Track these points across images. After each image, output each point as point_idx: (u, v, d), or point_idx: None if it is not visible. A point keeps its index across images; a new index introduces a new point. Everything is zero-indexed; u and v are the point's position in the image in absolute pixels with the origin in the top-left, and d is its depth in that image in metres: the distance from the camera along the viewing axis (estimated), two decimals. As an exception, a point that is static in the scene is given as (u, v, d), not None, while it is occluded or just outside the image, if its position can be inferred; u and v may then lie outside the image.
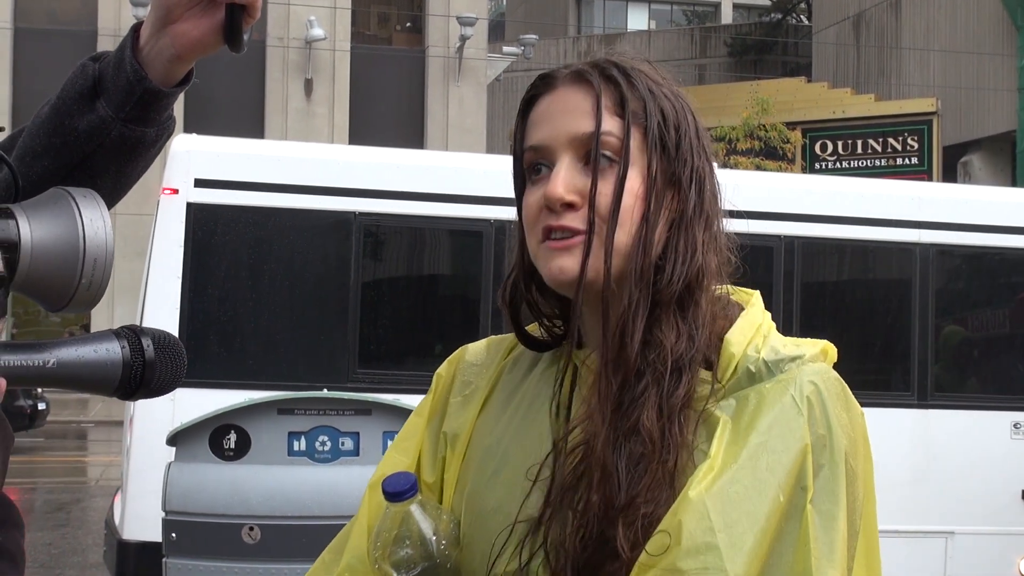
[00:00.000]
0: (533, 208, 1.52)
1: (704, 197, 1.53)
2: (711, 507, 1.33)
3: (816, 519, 1.35)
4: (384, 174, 8.12)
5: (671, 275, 1.46)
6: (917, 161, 29.50)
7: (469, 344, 1.76)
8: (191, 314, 7.56)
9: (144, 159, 1.63)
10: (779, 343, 1.50)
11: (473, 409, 1.65)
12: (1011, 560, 8.45)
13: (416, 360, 8.29)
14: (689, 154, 1.52)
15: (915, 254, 8.54)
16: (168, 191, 7.57)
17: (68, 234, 1.20)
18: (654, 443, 1.39)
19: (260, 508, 6.16)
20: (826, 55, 38.27)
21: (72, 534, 12.00)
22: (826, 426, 1.39)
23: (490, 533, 1.51)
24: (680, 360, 1.43)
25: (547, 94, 1.55)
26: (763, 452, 1.37)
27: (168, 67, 1.56)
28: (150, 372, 1.27)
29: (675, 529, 1.32)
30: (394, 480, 1.51)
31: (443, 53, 27.88)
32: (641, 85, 1.52)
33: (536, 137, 1.54)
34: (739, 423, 1.40)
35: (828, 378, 1.44)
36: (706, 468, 1.36)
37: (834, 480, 1.37)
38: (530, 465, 1.50)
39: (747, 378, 1.45)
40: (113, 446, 16.93)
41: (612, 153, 1.48)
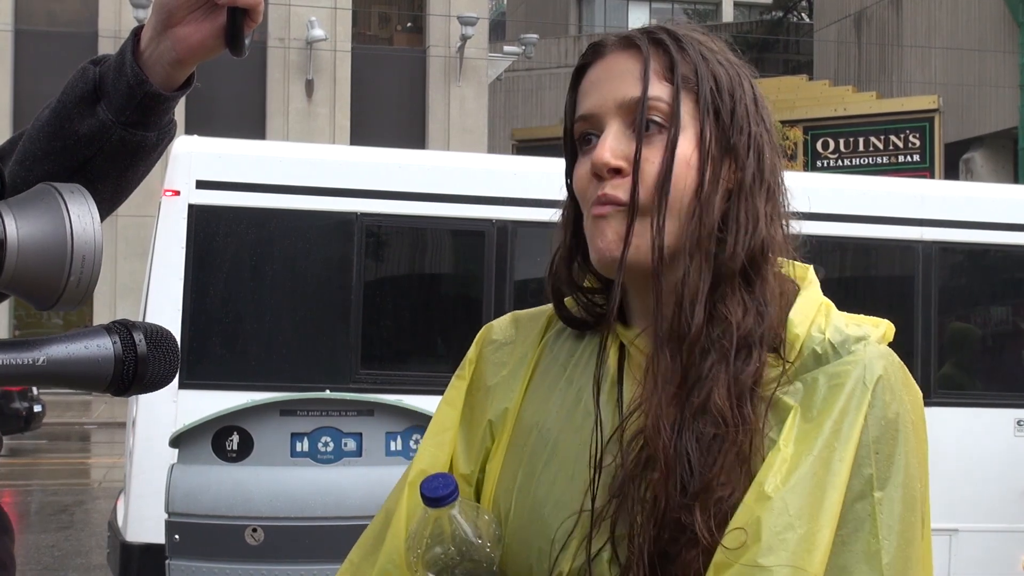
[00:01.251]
0: (584, 179, 1.47)
1: (764, 166, 1.48)
2: (789, 502, 1.29)
3: (882, 506, 1.32)
4: (386, 174, 8.11)
5: (733, 246, 1.41)
6: (919, 158, 29.48)
7: (492, 322, 1.70)
8: (193, 316, 7.55)
9: (145, 163, 1.62)
10: (841, 322, 1.46)
11: (516, 393, 1.59)
12: (1015, 557, 8.44)
13: (418, 361, 8.29)
14: (746, 121, 1.47)
15: (918, 252, 8.53)
16: (170, 192, 7.57)
17: (55, 231, 1.18)
18: (727, 423, 1.34)
19: (263, 509, 6.15)
20: (827, 53, 38.24)
21: (75, 536, 11.99)
22: (895, 411, 1.36)
23: (548, 528, 1.45)
24: (749, 336, 1.38)
25: (596, 62, 1.51)
26: (836, 441, 1.33)
27: (169, 71, 1.55)
28: (143, 367, 1.24)
29: (753, 525, 1.29)
30: (434, 484, 1.45)
31: (444, 53, 27.88)
32: (692, 50, 1.48)
33: (585, 106, 1.49)
34: (809, 410, 1.36)
35: (892, 361, 1.42)
36: (780, 460, 1.32)
37: (899, 466, 1.34)
38: (585, 455, 1.44)
39: (813, 360, 1.41)
40: (116, 448, 16.94)
41: (661, 119, 1.43)
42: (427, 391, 7.28)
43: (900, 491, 1.33)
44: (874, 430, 1.34)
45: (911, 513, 1.34)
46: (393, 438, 6.37)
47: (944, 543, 8.24)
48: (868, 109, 30.33)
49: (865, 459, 1.33)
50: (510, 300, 7.91)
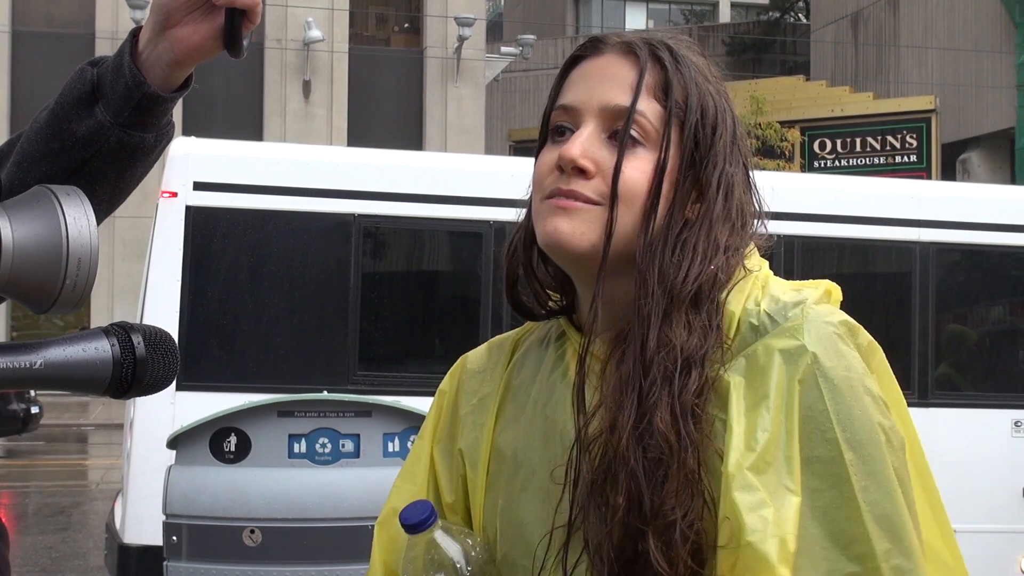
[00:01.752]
0: (545, 166, 1.49)
1: (731, 204, 1.48)
2: (753, 480, 1.31)
3: (855, 466, 1.32)
4: (383, 176, 8.11)
5: (686, 274, 1.42)
6: (916, 159, 29.49)
7: (468, 353, 1.71)
8: (191, 317, 7.55)
9: (143, 164, 1.62)
10: (779, 291, 1.46)
11: (488, 420, 1.60)
12: (1012, 558, 8.45)
13: (416, 362, 8.29)
14: (721, 158, 1.48)
15: (915, 253, 8.54)
16: (167, 194, 7.56)
17: (51, 233, 1.16)
18: (671, 446, 1.34)
19: (261, 510, 6.15)
20: (824, 53, 38.25)
21: (73, 538, 11.98)
22: (843, 370, 1.36)
23: (530, 546, 1.47)
24: (692, 356, 1.39)
25: (592, 57, 1.51)
26: (782, 412, 1.34)
27: (167, 72, 1.55)
28: (141, 370, 1.23)
29: (732, 508, 1.30)
30: (411, 511, 1.47)
31: (441, 54, 27.87)
32: (688, 75, 1.48)
33: (568, 97, 1.50)
34: (753, 382, 1.37)
35: (833, 319, 1.41)
36: (735, 439, 1.33)
37: (863, 422, 1.34)
38: (555, 468, 1.46)
39: (751, 333, 1.42)
40: (114, 449, 16.92)
41: (639, 134, 1.45)
42: (425, 392, 7.27)
43: (869, 448, 1.34)
44: (827, 394, 1.35)
45: (882, 467, 1.34)
46: (391, 439, 6.38)
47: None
48: (865, 110, 30.35)
49: (823, 424, 1.34)
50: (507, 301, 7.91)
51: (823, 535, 1.31)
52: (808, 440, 1.34)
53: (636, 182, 1.43)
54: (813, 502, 1.32)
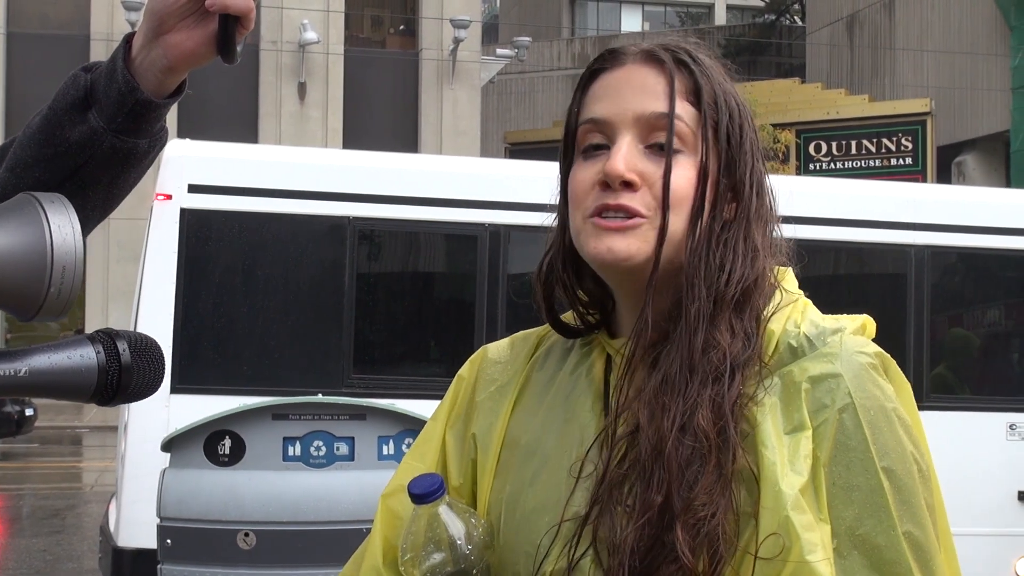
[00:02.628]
0: (586, 183, 1.48)
1: (763, 200, 1.52)
2: (802, 500, 1.33)
3: (893, 495, 1.35)
4: (378, 178, 8.11)
5: (730, 276, 1.44)
6: (911, 161, 29.55)
7: (490, 343, 1.72)
8: (185, 320, 7.54)
9: (137, 170, 1.61)
10: (818, 317, 1.49)
11: (504, 407, 1.61)
12: (1007, 561, 8.45)
13: (411, 365, 8.28)
14: (751, 156, 1.51)
15: (910, 256, 8.54)
16: (161, 196, 7.55)
17: (35, 241, 1.15)
18: (710, 443, 1.36)
19: (255, 514, 6.15)
20: (820, 56, 38.29)
21: (67, 540, 11.97)
22: (878, 399, 1.38)
23: (535, 534, 1.48)
24: (735, 360, 1.40)
25: (613, 69, 1.51)
26: (816, 438, 1.36)
27: (161, 78, 1.54)
28: (127, 377, 1.22)
29: (784, 525, 1.31)
30: (420, 481, 1.48)
31: (437, 56, 27.88)
32: (713, 76, 1.50)
33: (598, 111, 1.49)
34: (788, 404, 1.39)
35: (870, 351, 1.43)
36: (780, 458, 1.35)
37: (899, 452, 1.37)
38: (571, 461, 1.47)
39: (789, 354, 1.43)
40: (108, 451, 16.91)
41: (678, 141, 1.45)
42: (419, 395, 7.27)
43: (905, 478, 1.37)
44: (865, 423, 1.36)
45: (915, 495, 1.37)
46: (385, 442, 6.37)
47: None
48: (860, 112, 30.40)
49: (863, 453, 1.36)
50: (502, 304, 7.91)
51: (863, 562, 1.34)
52: (848, 469, 1.36)
53: (682, 189, 1.44)
54: (853, 530, 1.34)
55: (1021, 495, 8.43)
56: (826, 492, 1.35)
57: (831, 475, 1.35)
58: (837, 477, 1.35)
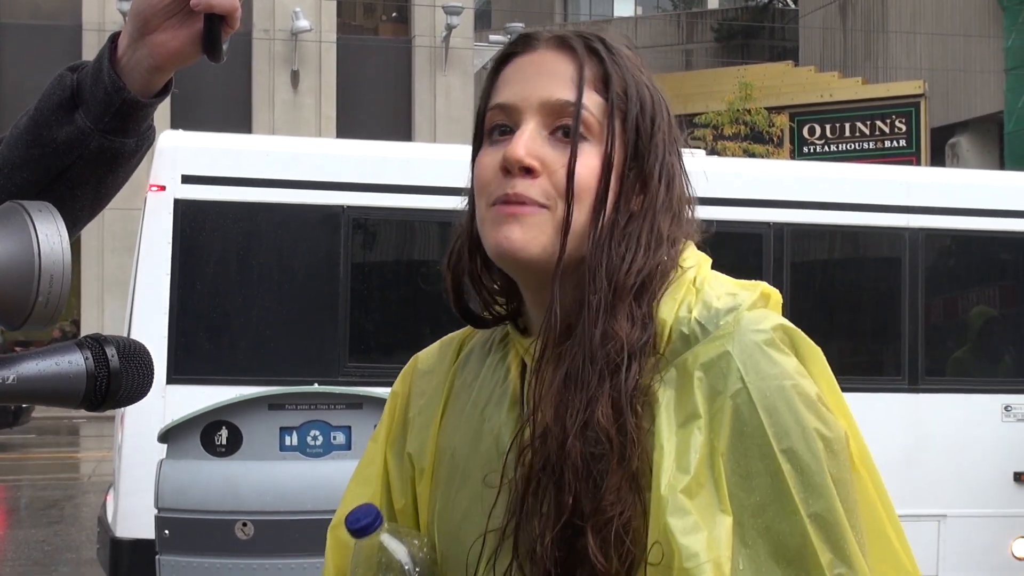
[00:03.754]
0: (488, 169, 1.45)
1: (673, 194, 1.47)
2: (684, 503, 1.29)
3: (794, 478, 1.31)
4: (372, 167, 8.10)
5: (630, 266, 1.40)
6: (905, 144, 29.55)
7: (420, 352, 1.69)
8: (180, 311, 7.53)
9: (124, 169, 1.61)
10: (713, 296, 1.42)
11: (433, 421, 1.59)
12: (1004, 542, 8.47)
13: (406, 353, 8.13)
14: (662, 148, 1.46)
15: (904, 239, 8.54)
16: (155, 187, 7.54)
17: (22, 250, 1.15)
18: (611, 440, 1.33)
19: (253, 504, 6.15)
20: (813, 39, 38.27)
21: (65, 531, 11.98)
22: (776, 379, 1.34)
23: (463, 549, 1.46)
24: (632, 348, 1.37)
25: (525, 54, 1.48)
26: (711, 429, 1.33)
27: (147, 77, 1.54)
28: (115, 383, 1.22)
29: (663, 533, 1.29)
30: (356, 515, 1.46)
31: (429, 43, 27.83)
32: (625, 66, 1.47)
33: (505, 95, 1.46)
34: (682, 395, 1.35)
35: (767, 326, 1.38)
36: (667, 458, 1.32)
37: (798, 432, 1.33)
38: (489, 472, 1.45)
39: (682, 343, 1.39)
40: (105, 442, 16.91)
41: (583, 129, 1.42)
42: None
43: (806, 458, 1.32)
44: (760, 407, 1.32)
45: (820, 475, 1.32)
46: (381, 431, 6.37)
47: (932, 529, 8.27)
48: (854, 95, 30.40)
49: (760, 438, 1.32)
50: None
51: (768, 550, 1.31)
52: (745, 456, 1.32)
53: (585, 179, 1.41)
54: (756, 518, 1.31)
55: (1017, 476, 8.45)
56: (726, 482, 1.31)
57: (729, 464, 1.32)
58: (736, 465, 1.32)
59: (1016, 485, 8.47)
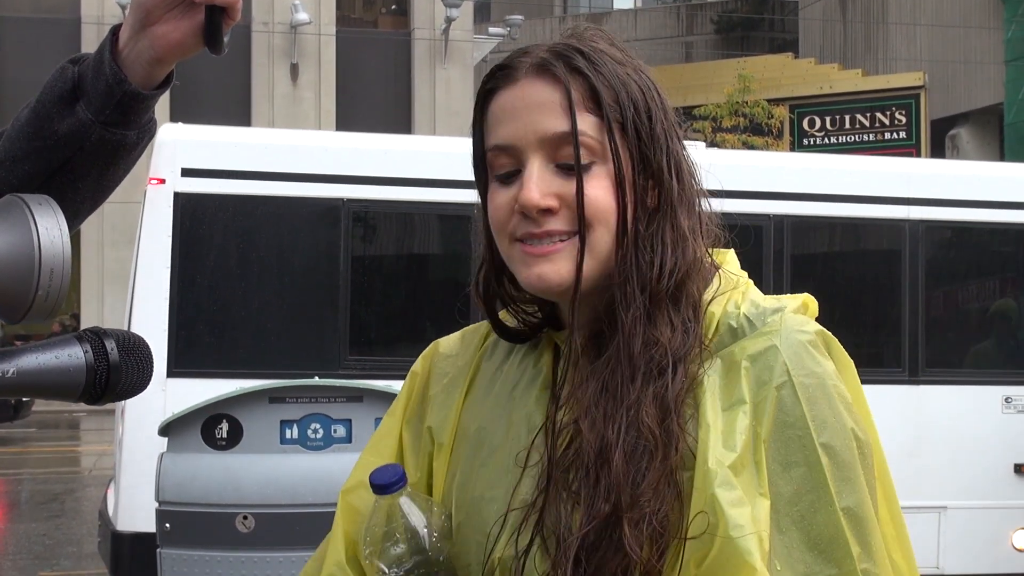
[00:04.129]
0: (504, 210, 1.46)
1: (684, 181, 1.48)
2: (731, 479, 1.33)
3: (831, 472, 1.35)
4: (372, 160, 8.10)
5: (661, 269, 1.42)
6: (905, 135, 29.57)
7: (441, 338, 1.72)
8: (181, 304, 7.54)
9: (126, 162, 1.61)
10: (759, 298, 1.48)
11: (456, 399, 1.61)
12: (1004, 533, 8.48)
13: (407, 346, 8.28)
14: (664, 138, 1.46)
15: (904, 231, 8.55)
16: (155, 181, 7.54)
17: (22, 244, 1.15)
18: (655, 440, 1.35)
19: (253, 497, 6.16)
20: (813, 31, 38.24)
21: (66, 524, 11.99)
22: (818, 376, 1.38)
23: (484, 522, 1.48)
24: (676, 354, 1.39)
25: (508, 87, 1.46)
26: (755, 415, 1.36)
27: (148, 70, 1.55)
28: (115, 376, 1.22)
29: (710, 503, 1.32)
30: (382, 472, 1.49)
31: (429, 35, 27.81)
32: (608, 72, 1.45)
33: (501, 135, 1.46)
34: (728, 383, 1.39)
35: (810, 329, 1.43)
36: (713, 437, 1.35)
37: (837, 428, 1.37)
38: (518, 450, 1.47)
39: (729, 335, 1.43)
40: (105, 435, 16.93)
41: (587, 154, 1.42)
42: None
43: (844, 454, 1.36)
44: (804, 400, 1.37)
45: (854, 471, 1.37)
46: (383, 424, 6.38)
47: (933, 520, 8.28)
48: (854, 87, 30.41)
49: (802, 430, 1.36)
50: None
51: (801, 538, 1.34)
52: (787, 446, 1.36)
53: (602, 202, 1.42)
54: (792, 506, 1.35)
55: (1017, 468, 8.46)
56: (766, 468, 1.34)
57: (771, 451, 1.35)
58: (776, 453, 1.35)
59: (1016, 476, 8.48)
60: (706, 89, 28.35)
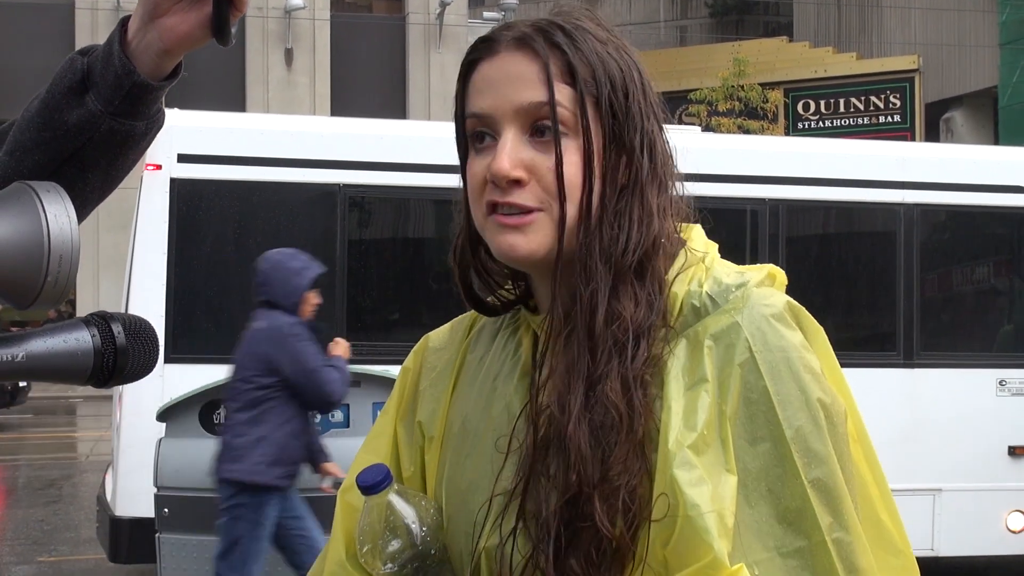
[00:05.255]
0: (478, 178, 1.48)
1: (656, 160, 1.49)
2: (691, 458, 1.34)
3: (796, 444, 1.36)
4: (368, 145, 8.11)
5: (626, 245, 1.43)
6: (900, 119, 29.56)
7: (431, 332, 1.74)
8: (177, 290, 7.55)
9: (134, 152, 1.63)
10: (723, 273, 1.47)
11: (444, 392, 1.63)
12: (998, 515, 8.52)
13: (404, 331, 8.30)
14: (639, 117, 1.47)
15: (899, 214, 8.57)
16: (151, 167, 7.54)
17: (32, 231, 1.16)
18: (621, 415, 1.37)
19: (252, 482, 6.16)
20: (807, 14, 38.19)
21: (64, 510, 12.01)
22: (782, 351, 1.39)
23: (471, 511, 1.50)
24: (640, 327, 1.41)
25: (488, 59, 1.49)
26: (719, 393, 1.37)
27: (157, 61, 1.56)
28: (122, 359, 1.24)
29: (670, 484, 1.33)
30: (367, 473, 1.51)
31: (423, 20, 27.77)
32: (587, 48, 1.46)
33: (479, 104, 1.48)
34: (692, 362, 1.40)
35: (774, 302, 1.43)
36: (674, 417, 1.36)
37: (801, 403, 1.37)
38: (499, 437, 1.49)
39: (693, 314, 1.43)
40: (102, 421, 16.95)
41: (562, 125, 1.43)
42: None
43: (809, 425, 1.37)
44: (767, 375, 1.38)
45: (821, 441, 1.37)
46: (380, 408, 6.37)
47: (928, 503, 8.31)
48: (848, 70, 30.39)
49: (765, 405, 1.37)
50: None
51: (770, 512, 1.35)
52: (752, 421, 1.37)
53: (571, 176, 1.43)
54: (759, 481, 1.36)
55: (1011, 450, 8.49)
56: (733, 444, 1.36)
57: (737, 428, 1.37)
58: (742, 430, 1.37)
59: (1010, 459, 8.51)
60: (701, 73, 28.32)
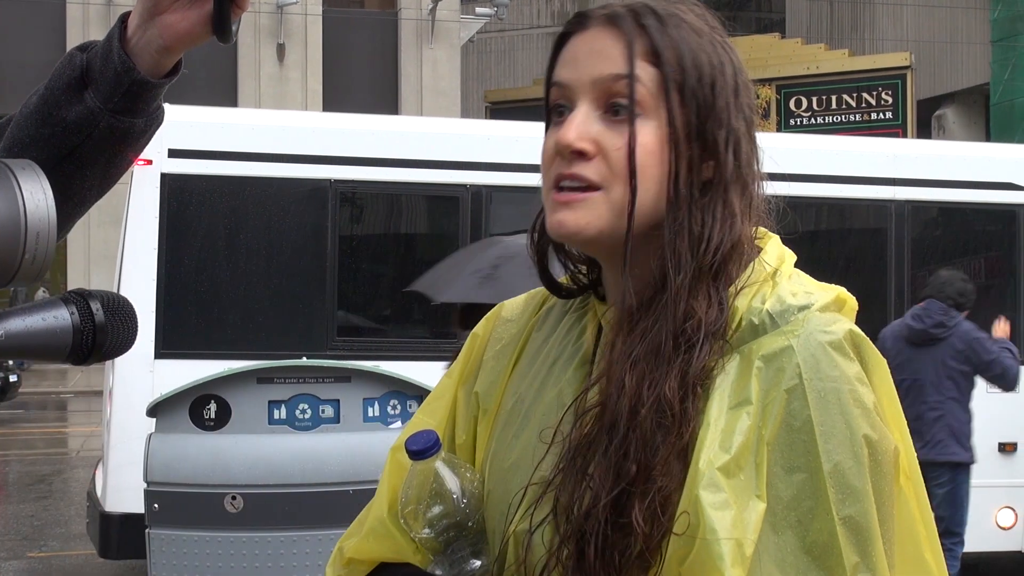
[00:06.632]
0: (548, 152, 1.46)
1: (741, 161, 1.47)
2: (720, 480, 1.31)
3: (833, 479, 1.32)
4: (359, 141, 8.10)
5: (709, 243, 1.41)
6: (891, 116, 29.54)
7: (507, 300, 1.72)
8: (168, 285, 7.54)
9: (133, 149, 1.63)
10: (789, 291, 1.43)
11: (505, 367, 1.62)
12: (988, 512, 8.54)
13: (394, 327, 8.31)
14: (725, 114, 1.45)
15: (890, 211, 8.58)
16: (142, 162, 7.53)
17: (7, 208, 1.17)
18: (674, 415, 1.35)
19: (242, 477, 6.16)
20: (799, 10, 38.19)
21: (54, 505, 11.99)
22: (833, 381, 1.34)
23: (508, 492, 1.50)
24: (709, 329, 1.38)
25: (579, 33, 1.48)
26: (761, 418, 1.34)
27: (157, 58, 1.56)
28: (101, 336, 1.25)
29: (693, 504, 1.31)
30: (416, 438, 1.51)
31: (416, 15, 27.72)
32: (677, 35, 1.45)
33: (561, 75, 1.47)
34: (740, 381, 1.37)
35: (835, 329, 1.38)
36: (711, 437, 1.34)
37: (844, 437, 1.33)
38: (547, 426, 1.47)
39: (750, 331, 1.40)
40: (93, 416, 16.92)
41: (637, 105, 1.41)
42: (403, 357, 7.30)
43: (850, 461, 1.33)
44: (813, 404, 1.34)
45: (860, 479, 1.33)
46: (371, 404, 6.39)
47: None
48: (840, 67, 30.35)
49: (806, 434, 1.33)
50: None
51: (797, 542, 1.32)
52: (791, 449, 1.34)
53: (641, 157, 1.41)
54: (790, 510, 1.33)
55: (1001, 447, 8.50)
56: (767, 471, 1.33)
57: (774, 454, 1.33)
58: (780, 456, 1.33)
59: (1001, 455, 8.53)
60: (693, 69, 28.26)
